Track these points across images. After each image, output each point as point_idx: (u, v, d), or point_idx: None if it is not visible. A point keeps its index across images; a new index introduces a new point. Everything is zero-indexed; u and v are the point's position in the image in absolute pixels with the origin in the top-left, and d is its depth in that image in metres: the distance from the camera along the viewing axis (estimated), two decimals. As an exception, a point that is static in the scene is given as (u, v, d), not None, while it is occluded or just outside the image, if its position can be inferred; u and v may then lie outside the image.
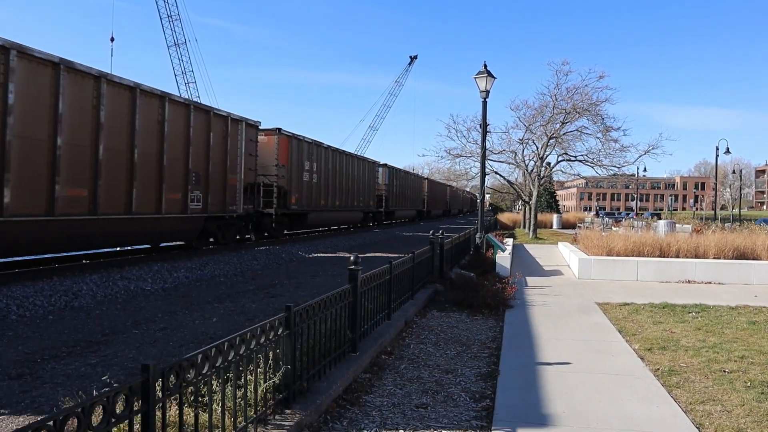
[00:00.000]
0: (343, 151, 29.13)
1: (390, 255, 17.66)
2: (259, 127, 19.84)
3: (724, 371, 6.37)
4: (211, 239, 18.03)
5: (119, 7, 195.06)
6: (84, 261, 14.04)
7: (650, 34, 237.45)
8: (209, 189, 16.09)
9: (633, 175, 49.50)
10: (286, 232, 23.88)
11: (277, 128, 21.45)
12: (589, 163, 33.24)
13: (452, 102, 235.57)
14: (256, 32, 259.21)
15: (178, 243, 17.59)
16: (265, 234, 22.14)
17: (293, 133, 22.47)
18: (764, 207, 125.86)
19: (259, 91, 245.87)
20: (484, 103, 16.88)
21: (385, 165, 38.81)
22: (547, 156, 33.95)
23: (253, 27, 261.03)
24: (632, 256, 15.42)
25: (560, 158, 34.43)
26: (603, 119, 31.55)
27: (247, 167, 18.54)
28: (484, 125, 17.78)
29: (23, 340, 7.05)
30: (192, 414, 3.49)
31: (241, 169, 18.07)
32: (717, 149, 47.48)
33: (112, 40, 68.01)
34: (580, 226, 31.17)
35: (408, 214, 48.04)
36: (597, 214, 62.63)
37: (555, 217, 49.74)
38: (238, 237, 20.08)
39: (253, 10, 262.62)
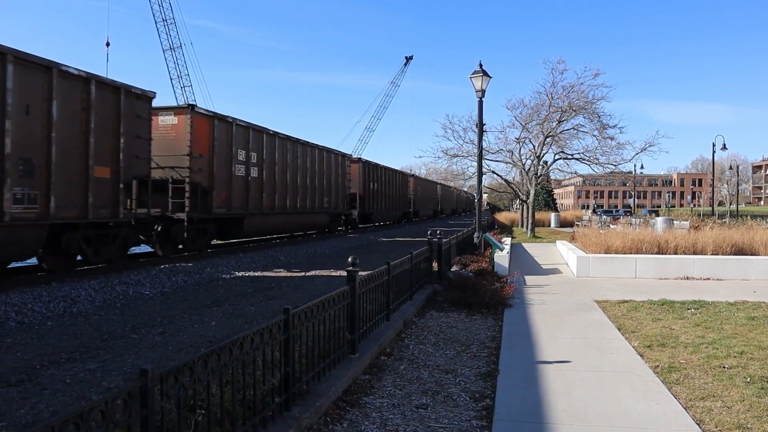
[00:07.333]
0: (298, 139, 23.81)
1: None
2: (154, 102, 14.75)
3: (724, 367, 6.37)
4: (79, 257, 13.30)
5: (114, 11, 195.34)
6: (84, 267, 14.01)
7: (644, 31, 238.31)
8: (52, 184, 11.38)
9: (630, 172, 49.52)
10: (215, 242, 19.33)
11: (189, 105, 16.93)
12: (585, 161, 33.27)
13: (448, 102, 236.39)
14: (250, 34, 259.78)
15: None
16: (180, 247, 17.37)
17: (217, 113, 17.83)
18: (762, 202, 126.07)
19: (254, 94, 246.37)
20: (480, 103, 16.90)
21: (360, 159, 35.00)
22: (543, 154, 34.00)
23: (246, 28, 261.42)
24: (630, 253, 15.42)
25: (557, 156, 34.49)
26: (599, 117, 31.58)
27: (131, 155, 13.62)
28: (480, 124, 17.80)
29: (22, 347, 7.03)
30: (192, 418, 3.48)
31: (119, 157, 13.26)
32: (714, 145, 47.46)
33: (108, 44, 67.73)
34: (578, 224, 31.27)
35: (391, 216, 43.25)
36: (595, 212, 62.62)
37: (553, 215, 49.74)
38: (152, 253, 16.18)
39: (245, 11, 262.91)
